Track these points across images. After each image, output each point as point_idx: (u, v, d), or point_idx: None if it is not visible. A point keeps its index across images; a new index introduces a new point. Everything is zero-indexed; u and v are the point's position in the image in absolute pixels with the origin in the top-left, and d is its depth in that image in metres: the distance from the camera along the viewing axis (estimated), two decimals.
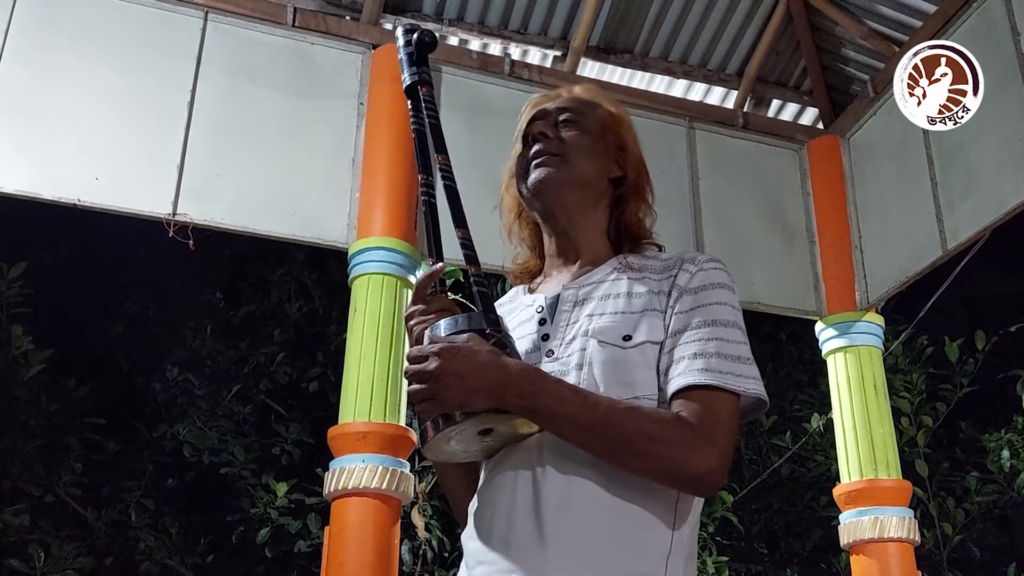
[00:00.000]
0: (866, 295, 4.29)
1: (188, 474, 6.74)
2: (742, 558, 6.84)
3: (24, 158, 3.43)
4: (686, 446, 1.23)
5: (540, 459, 1.29)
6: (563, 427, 1.25)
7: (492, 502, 1.33)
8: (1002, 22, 3.68)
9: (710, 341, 1.31)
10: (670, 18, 4.50)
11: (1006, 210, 3.59)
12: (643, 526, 1.27)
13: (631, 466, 1.25)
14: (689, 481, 1.26)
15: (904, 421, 6.51)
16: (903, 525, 3.94)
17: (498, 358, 1.24)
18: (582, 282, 1.43)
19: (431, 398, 1.22)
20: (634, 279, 1.41)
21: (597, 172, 1.49)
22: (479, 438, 1.30)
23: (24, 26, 3.56)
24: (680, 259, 1.42)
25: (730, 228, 4.34)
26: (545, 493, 1.27)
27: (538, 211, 1.50)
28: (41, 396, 6.40)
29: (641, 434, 1.23)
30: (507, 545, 1.27)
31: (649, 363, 1.32)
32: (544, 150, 1.47)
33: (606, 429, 1.23)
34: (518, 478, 1.30)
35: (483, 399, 1.23)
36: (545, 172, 1.45)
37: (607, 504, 1.26)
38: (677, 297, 1.36)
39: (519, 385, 1.23)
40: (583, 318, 1.37)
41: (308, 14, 3.99)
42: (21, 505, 6.15)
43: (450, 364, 1.22)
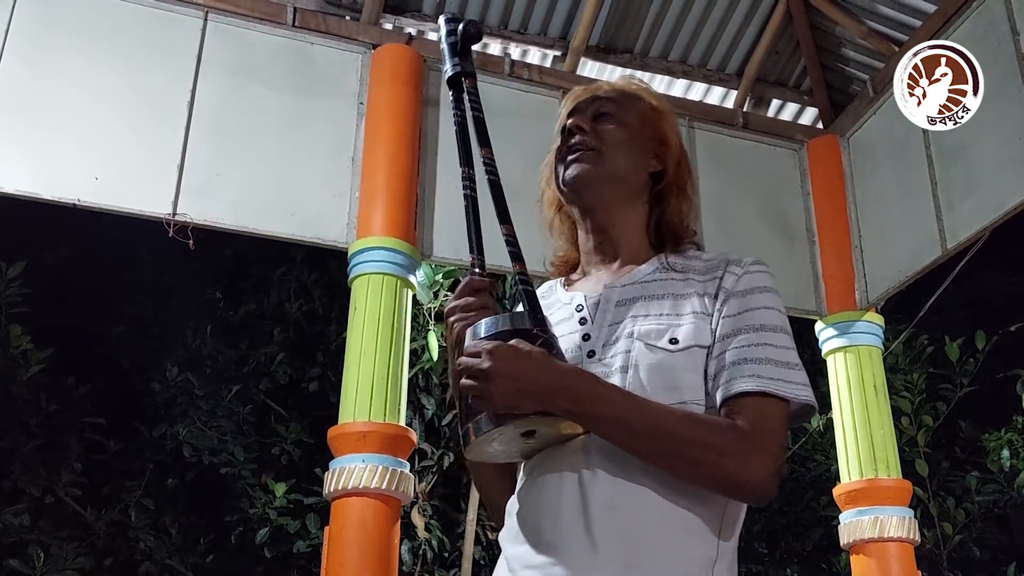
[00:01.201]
0: (866, 295, 4.29)
1: (188, 474, 6.74)
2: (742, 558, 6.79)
3: (24, 158, 3.43)
4: (740, 455, 1.22)
5: (587, 461, 1.27)
6: (614, 432, 1.23)
7: (537, 504, 1.30)
8: (1002, 22, 3.68)
9: (759, 347, 1.29)
10: (670, 18, 4.51)
11: (1006, 210, 3.59)
12: (691, 532, 1.25)
13: (683, 473, 1.24)
14: (743, 490, 1.25)
15: (904, 421, 6.51)
16: (903, 525, 3.94)
17: (549, 360, 1.22)
18: (624, 281, 1.40)
19: (481, 396, 1.20)
20: (678, 280, 1.38)
21: (635, 167, 1.46)
22: (521, 439, 1.28)
23: (24, 26, 3.56)
24: (725, 260, 1.39)
25: (730, 228, 4.34)
26: (593, 496, 1.25)
27: (576, 206, 1.48)
28: (41, 396, 6.40)
29: (695, 441, 1.21)
30: (555, 548, 1.25)
31: (696, 367, 1.30)
32: (579, 144, 1.44)
33: (659, 435, 1.22)
34: (564, 480, 1.28)
35: (532, 402, 1.21)
36: (580, 168, 1.43)
37: (656, 509, 1.24)
38: (724, 300, 1.33)
39: (570, 389, 1.21)
40: (627, 319, 1.35)
41: (308, 14, 3.99)
42: (21, 505, 6.15)
43: (502, 364, 1.19)
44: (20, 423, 6.25)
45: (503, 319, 1.26)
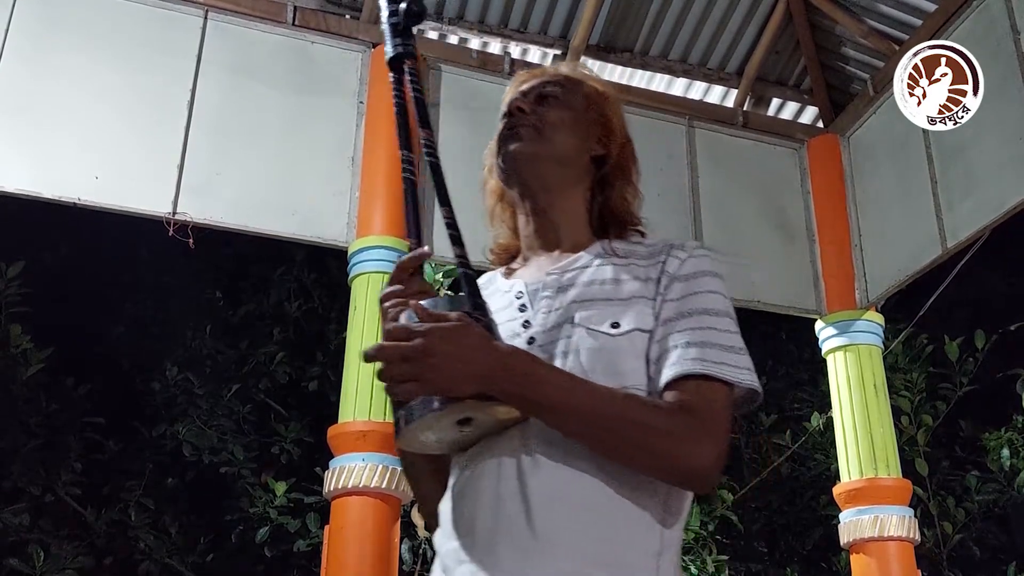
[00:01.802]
0: (866, 294, 4.29)
1: (188, 473, 6.74)
2: (742, 557, 6.84)
3: (24, 157, 3.43)
4: (684, 439, 1.18)
5: (527, 448, 1.21)
6: (556, 416, 1.18)
7: (473, 496, 1.23)
8: (1002, 22, 3.68)
9: (703, 330, 1.26)
10: (670, 17, 4.51)
11: (1006, 209, 3.59)
12: (635, 522, 1.21)
13: (626, 458, 1.19)
14: (684, 475, 1.20)
15: (904, 420, 6.51)
16: (903, 524, 3.94)
17: (488, 341, 1.16)
18: (565, 267, 1.36)
19: (415, 379, 1.12)
20: (620, 265, 1.34)
21: (576, 149, 1.41)
22: (457, 428, 1.20)
23: (24, 25, 3.56)
24: (668, 245, 1.36)
25: (730, 227, 4.34)
26: (533, 485, 1.19)
27: (515, 188, 1.42)
28: (40, 396, 6.40)
29: (639, 424, 1.17)
30: (493, 541, 1.19)
31: (638, 352, 1.26)
32: (518, 123, 1.40)
33: (603, 419, 1.17)
34: (502, 469, 1.22)
35: (471, 384, 1.13)
36: (518, 145, 1.38)
37: (599, 498, 1.20)
38: (667, 284, 1.30)
39: (512, 370, 1.15)
40: (568, 305, 1.30)
41: (308, 13, 3.99)
42: (21, 505, 6.14)
43: (438, 343, 1.12)
44: (20, 423, 6.24)
45: (439, 302, 1.19)
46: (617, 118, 1.47)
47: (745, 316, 1.44)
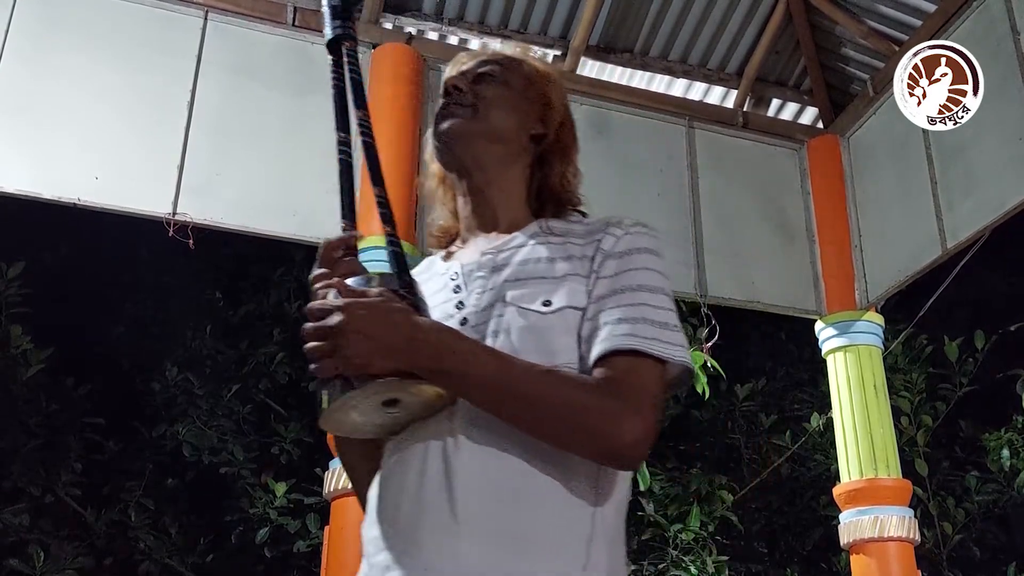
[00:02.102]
0: (866, 294, 4.29)
1: (188, 474, 6.74)
2: (742, 558, 6.84)
3: (24, 158, 3.43)
4: (610, 415, 1.14)
5: (452, 429, 1.18)
6: (478, 392, 1.14)
7: (398, 481, 1.21)
8: (1002, 22, 3.69)
9: (636, 306, 1.22)
10: (670, 17, 4.51)
11: (1006, 209, 3.59)
12: (563, 503, 1.17)
13: (551, 435, 1.15)
14: (611, 452, 1.16)
15: (904, 420, 6.52)
16: (903, 524, 3.94)
17: (408, 316, 1.13)
18: (500, 247, 1.34)
19: (331, 355, 1.09)
20: (556, 244, 1.31)
21: (515, 127, 1.39)
22: (383, 409, 1.17)
23: (24, 25, 3.56)
24: (605, 223, 1.33)
25: (730, 227, 4.34)
26: (457, 466, 1.16)
27: (452, 167, 1.40)
28: (40, 396, 6.40)
29: (563, 401, 1.14)
30: (414, 526, 1.16)
31: (570, 329, 1.23)
32: (453, 101, 1.38)
33: (526, 395, 1.14)
34: (428, 451, 1.19)
35: (391, 360, 1.10)
36: (452, 122, 1.36)
37: (524, 479, 1.16)
38: (601, 262, 1.27)
39: (432, 345, 1.12)
40: (501, 284, 1.28)
41: (308, 13, 3.99)
42: (21, 505, 6.15)
43: (357, 319, 1.09)
44: (20, 423, 6.25)
45: (364, 280, 1.17)
46: (558, 97, 1.45)
47: (745, 316, 1.43)
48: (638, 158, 4.28)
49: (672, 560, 5.66)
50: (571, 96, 1.54)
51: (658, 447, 6.52)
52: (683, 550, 5.69)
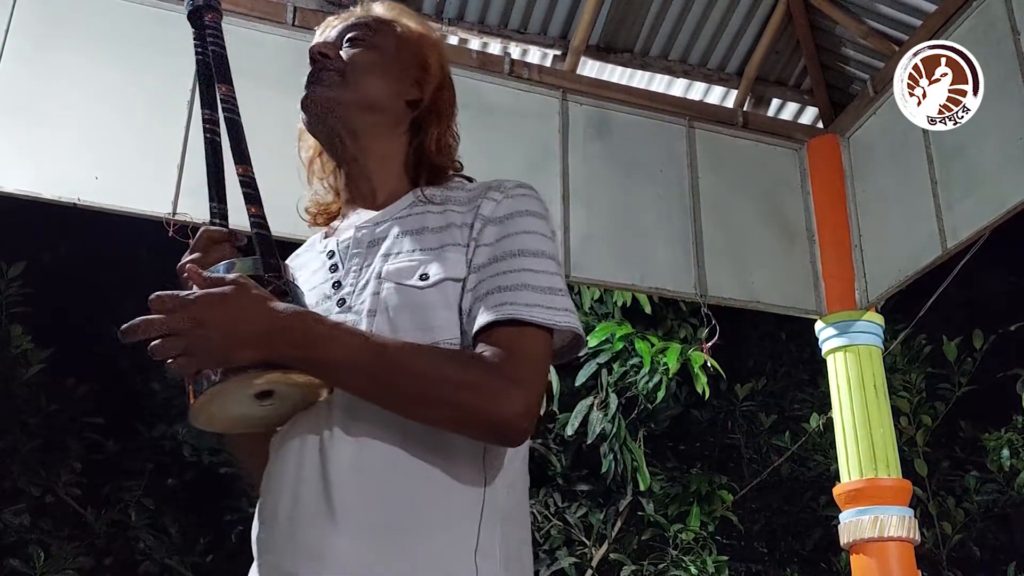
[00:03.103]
0: (866, 294, 4.29)
1: (187, 474, 6.75)
2: (742, 558, 6.84)
3: (24, 157, 3.43)
4: (487, 389, 1.08)
5: (329, 421, 1.13)
6: (346, 377, 1.08)
7: (279, 478, 1.15)
8: (1002, 22, 3.68)
9: (516, 273, 1.16)
10: (670, 17, 4.50)
11: (1006, 209, 3.58)
12: (447, 488, 1.12)
13: (426, 416, 1.10)
14: (492, 429, 1.10)
15: (903, 420, 6.52)
16: (903, 524, 3.93)
17: (264, 303, 1.06)
18: (377, 219, 1.27)
19: (184, 354, 1.02)
20: (435, 213, 1.25)
21: (388, 93, 1.32)
22: (257, 402, 1.11)
23: (24, 25, 3.56)
24: (486, 187, 1.27)
25: (730, 227, 4.34)
26: (333, 459, 1.11)
27: (322, 138, 1.35)
28: (41, 396, 6.41)
29: (435, 379, 1.08)
30: (293, 525, 1.10)
31: (450, 303, 1.17)
32: (319, 68, 1.31)
33: (394, 375, 1.07)
34: (305, 446, 1.13)
35: (249, 351, 1.04)
36: (318, 90, 1.30)
37: (404, 466, 1.11)
38: (480, 228, 1.21)
39: (289, 331, 1.05)
40: (377, 259, 1.22)
41: (308, 13, 3.99)
42: (21, 505, 6.15)
43: (206, 311, 1.03)
44: (20, 423, 6.25)
45: (231, 265, 1.13)
46: (435, 59, 1.38)
47: (745, 316, 1.42)
48: (638, 158, 4.28)
49: (672, 560, 5.66)
50: (571, 96, 1.52)
51: (658, 447, 6.53)
52: (683, 550, 5.70)
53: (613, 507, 5.96)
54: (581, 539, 5.91)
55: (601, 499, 6.01)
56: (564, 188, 4.05)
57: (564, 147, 4.13)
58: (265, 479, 1.20)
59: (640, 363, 5.23)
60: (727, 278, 4.23)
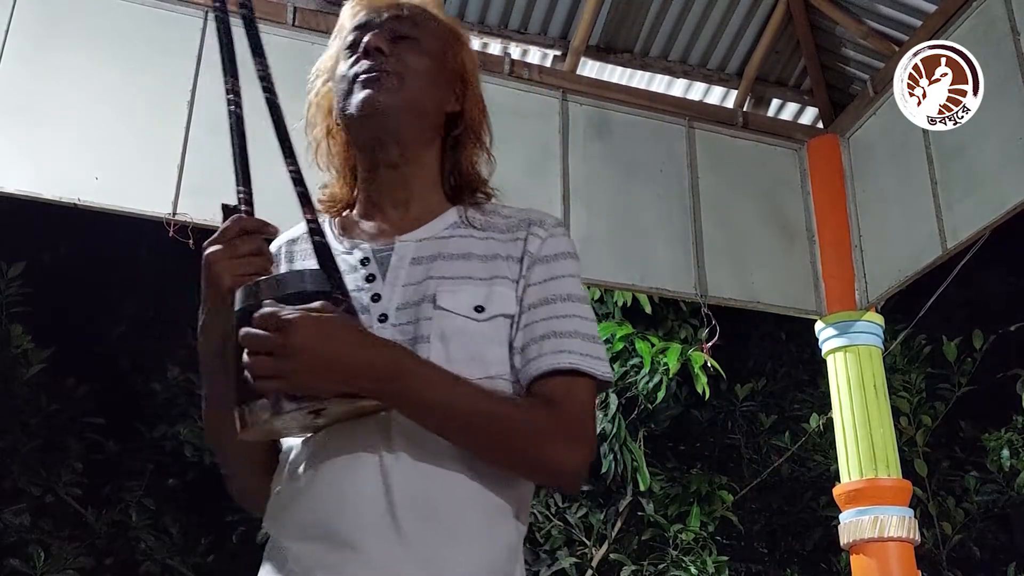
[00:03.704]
0: (866, 294, 4.29)
1: (188, 474, 6.75)
2: (742, 558, 6.84)
3: (24, 158, 3.43)
4: (556, 439, 1.13)
5: (389, 444, 1.11)
6: (429, 415, 1.09)
7: (330, 495, 1.11)
8: (1002, 22, 3.68)
9: (568, 319, 1.19)
10: (670, 17, 4.50)
11: (1006, 209, 3.58)
12: (499, 520, 1.15)
13: (494, 458, 1.13)
14: (557, 476, 1.17)
15: (903, 421, 6.51)
16: (903, 525, 3.93)
17: (359, 334, 1.05)
18: (420, 236, 1.25)
19: (278, 376, 1.00)
20: (478, 239, 1.24)
21: (436, 102, 1.28)
22: (308, 417, 1.08)
23: (24, 25, 3.56)
24: (527, 221, 1.26)
25: (730, 228, 4.34)
26: (397, 485, 1.10)
27: (363, 138, 1.28)
28: (41, 396, 6.41)
29: (510, 428, 1.11)
30: (356, 545, 1.08)
31: (501, 339, 1.18)
32: (377, 67, 1.24)
33: (473, 419, 1.09)
34: (361, 466, 1.11)
35: (339, 383, 1.03)
36: (379, 95, 1.23)
37: (466, 497, 1.12)
38: (529, 266, 1.22)
39: (387, 368, 1.05)
40: (425, 280, 1.20)
41: (308, 14, 3.99)
42: (21, 505, 6.15)
43: (307, 340, 1.00)
44: (20, 423, 6.25)
45: (296, 277, 1.07)
46: (474, 70, 1.34)
47: (745, 316, 1.43)
48: (638, 158, 4.28)
49: (672, 560, 5.66)
50: (571, 96, 1.50)
51: (658, 447, 6.53)
52: (683, 550, 5.70)
53: (613, 507, 5.96)
54: (581, 539, 5.91)
55: (601, 499, 6.01)
56: (564, 188, 4.06)
57: (564, 147, 4.13)
58: (303, 491, 1.14)
59: (640, 363, 5.23)
60: (727, 278, 4.23)
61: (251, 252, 1.12)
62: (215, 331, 1.13)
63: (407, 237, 1.25)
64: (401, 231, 1.26)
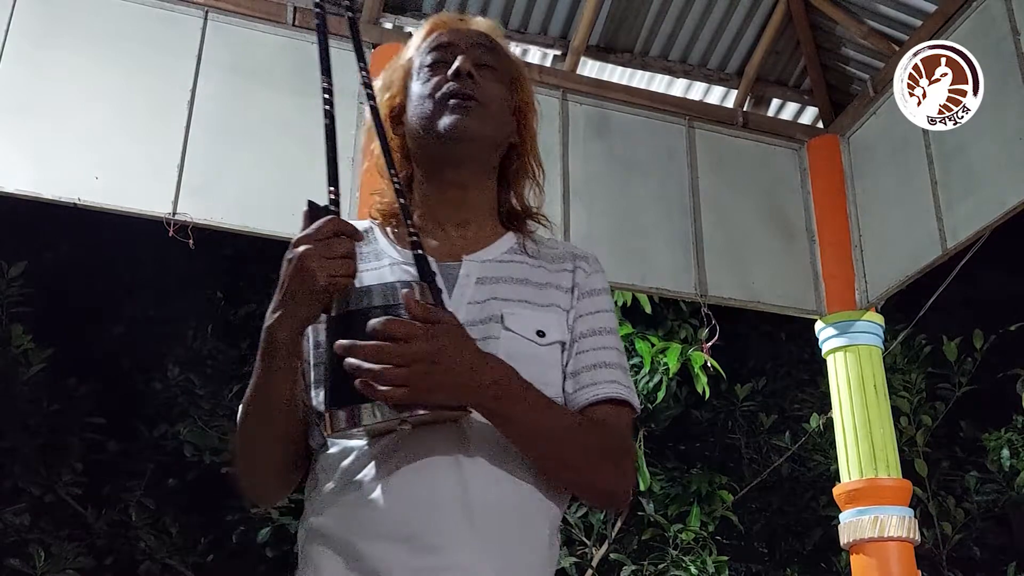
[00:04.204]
0: (866, 294, 4.29)
1: (189, 474, 6.74)
2: (742, 558, 6.84)
3: (24, 158, 3.43)
4: (617, 463, 1.23)
5: (465, 450, 1.15)
6: (518, 432, 1.14)
7: (407, 497, 1.13)
8: (1002, 22, 3.68)
9: (611, 351, 1.28)
10: (670, 17, 4.50)
11: (1006, 209, 3.59)
12: (550, 528, 1.22)
13: (566, 477, 1.21)
14: (608, 500, 1.29)
15: (903, 420, 6.51)
16: (903, 524, 3.94)
17: (483, 352, 1.10)
18: (483, 257, 1.29)
19: (406, 385, 1.03)
20: (533, 266, 1.31)
21: (507, 133, 1.34)
22: (396, 422, 1.10)
23: (24, 25, 3.56)
24: (571, 255, 1.35)
25: (730, 228, 4.34)
26: (476, 491, 1.13)
27: (443, 158, 1.31)
28: (41, 396, 6.41)
29: (588, 448, 1.19)
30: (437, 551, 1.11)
31: (557, 363, 1.25)
32: (467, 92, 1.28)
33: (558, 440, 1.17)
34: (439, 471, 1.13)
35: (459, 396, 1.08)
36: (468, 120, 1.27)
37: (533, 506, 1.19)
38: (579, 298, 1.30)
39: (501, 387, 1.10)
40: (490, 301, 1.24)
41: (308, 13, 3.99)
42: (21, 505, 6.15)
43: (439, 352, 1.04)
44: (21, 423, 6.25)
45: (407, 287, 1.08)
46: (532, 104, 1.39)
47: (745, 316, 1.48)
48: (638, 158, 4.28)
49: (672, 560, 5.66)
50: (571, 96, 1.53)
51: (658, 447, 6.53)
52: (683, 550, 5.69)
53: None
54: (581, 539, 5.91)
55: None
56: (564, 188, 4.06)
57: (564, 147, 4.13)
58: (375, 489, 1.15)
59: (640, 363, 5.23)
60: (727, 278, 4.23)
61: (345, 254, 1.11)
62: (293, 325, 1.13)
63: (473, 256, 1.29)
64: (464, 250, 1.30)
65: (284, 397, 1.16)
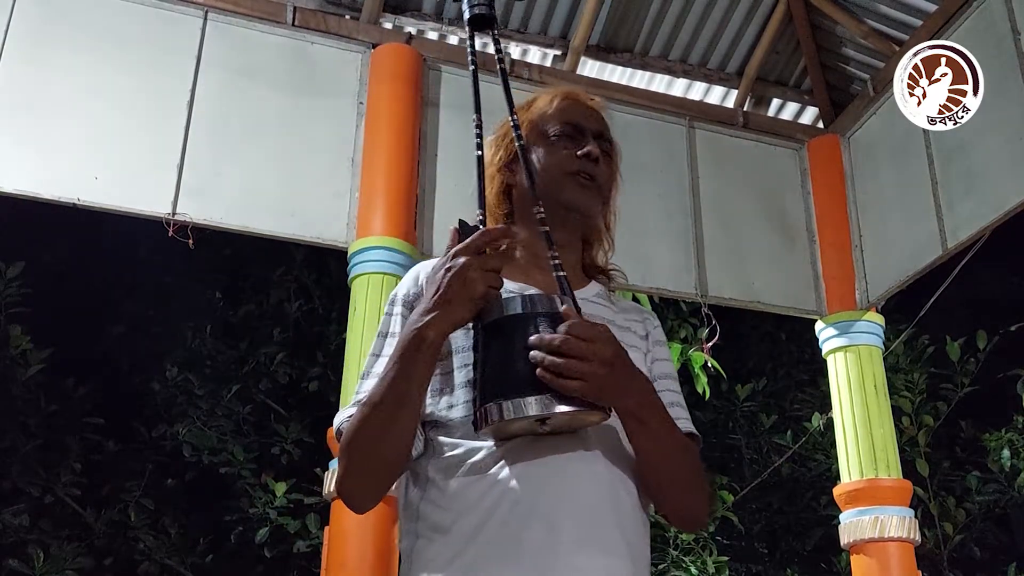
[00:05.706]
0: (866, 294, 4.29)
1: (188, 474, 6.74)
2: (742, 558, 6.84)
3: (24, 157, 3.43)
4: (705, 493, 1.39)
5: (592, 455, 1.27)
6: (654, 444, 1.28)
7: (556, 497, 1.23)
8: (1002, 22, 3.68)
9: (678, 394, 1.45)
10: (670, 17, 4.50)
11: (1006, 209, 3.58)
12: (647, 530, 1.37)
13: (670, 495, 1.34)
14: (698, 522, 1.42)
15: (905, 420, 6.51)
16: (903, 525, 3.93)
17: (635, 365, 1.27)
18: (582, 295, 1.44)
19: (583, 380, 1.16)
20: (615, 312, 1.48)
21: (606, 210, 1.54)
22: (536, 425, 1.22)
23: (24, 24, 3.56)
24: (638, 309, 1.53)
25: (730, 228, 4.34)
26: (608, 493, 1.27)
27: (557, 214, 1.44)
28: (40, 396, 6.41)
29: (694, 471, 1.35)
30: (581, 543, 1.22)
31: None
32: (593, 174, 1.48)
33: (679, 459, 1.32)
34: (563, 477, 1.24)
35: (617, 396, 1.22)
36: (592, 200, 1.47)
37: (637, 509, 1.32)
38: (653, 344, 1.47)
39: (642, 392, 1.26)
40: None
41: (308, 13, 3.99)
42: (21, 505, 6.15)
43: (621, 359, 1.21)
44: (20, 423, 6.25)
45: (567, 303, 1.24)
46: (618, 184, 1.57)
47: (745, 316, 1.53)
48: (638, 158, 4.27)
49: (672, 560, 5.65)
50: None
51: None
52: (683, 550, 5.69)
53: None
54: None
55: None
56: None
57: None
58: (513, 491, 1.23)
59: None
60: (727, 278, 4.23)
61: (498, 267, 1.25)
62: (444, 328, 1.24)
63: (579, 293, 1.42)
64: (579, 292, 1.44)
65: (415, 396, 1.26)
